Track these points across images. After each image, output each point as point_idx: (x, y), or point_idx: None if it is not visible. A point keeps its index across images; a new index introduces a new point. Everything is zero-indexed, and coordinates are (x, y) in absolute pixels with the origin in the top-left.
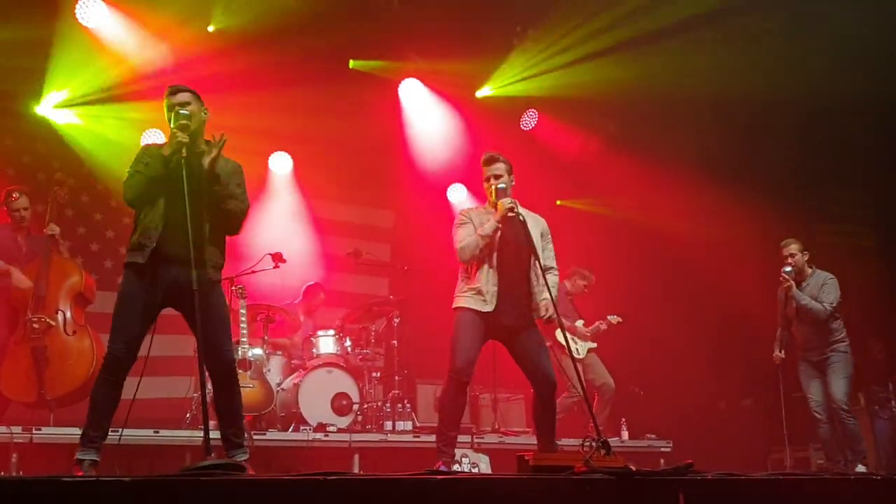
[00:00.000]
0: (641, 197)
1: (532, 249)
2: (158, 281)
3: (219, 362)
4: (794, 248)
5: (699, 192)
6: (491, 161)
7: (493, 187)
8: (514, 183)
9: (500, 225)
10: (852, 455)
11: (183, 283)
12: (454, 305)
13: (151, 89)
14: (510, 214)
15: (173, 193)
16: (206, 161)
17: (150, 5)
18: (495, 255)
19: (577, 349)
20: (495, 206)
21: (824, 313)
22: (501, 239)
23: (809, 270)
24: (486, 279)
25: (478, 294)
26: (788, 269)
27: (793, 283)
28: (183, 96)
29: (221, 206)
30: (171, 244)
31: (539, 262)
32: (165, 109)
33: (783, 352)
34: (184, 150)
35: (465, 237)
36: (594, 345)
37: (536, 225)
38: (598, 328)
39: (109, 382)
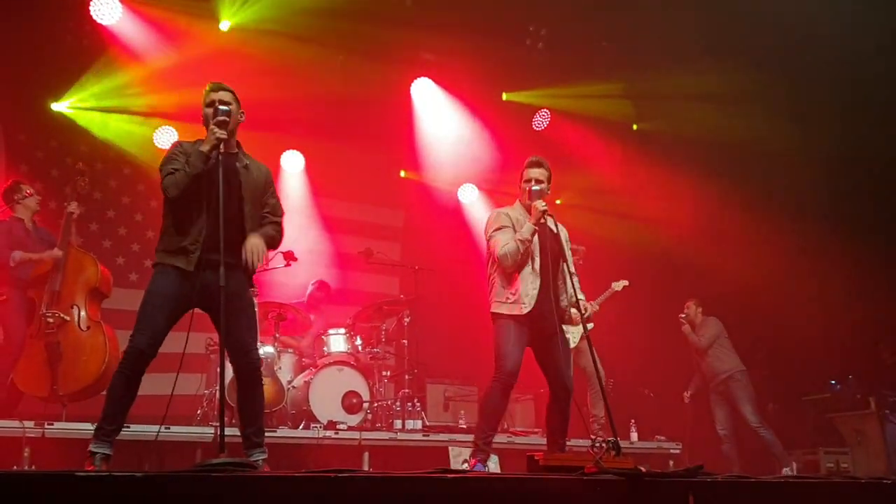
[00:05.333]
0: (654, 197)
1: (562, 254)
2: (197, 284)
3: (246, 363)
4: (688, 304)
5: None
6: (536, 165)
7: (529, 189)
8: (549, 193)
9: (536, 228)
10: (778, 460)
11: (217, 285)
12: (494, 311)
13: (165, 87)
14: (545, 217)
15: (212, 194)
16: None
17: (164, 3)
18: (538, 259)
19: (568, 339)
20: (528, 208)
21: (699, 344)
22: (539, 243)
23: (701, 318)
24: (528, 282)
25: (517, 301)
26: (682, 315)
27: (687, 324)
28: (225, 95)
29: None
30: (214, 248)
31: (567, 267)
32: (204, 105)
33: (689, 394)
34: (221, 147)
35: (506, 242)
36: (589, 326)
37: (564, 234)
38: (592, 309)
39: (128, 376)
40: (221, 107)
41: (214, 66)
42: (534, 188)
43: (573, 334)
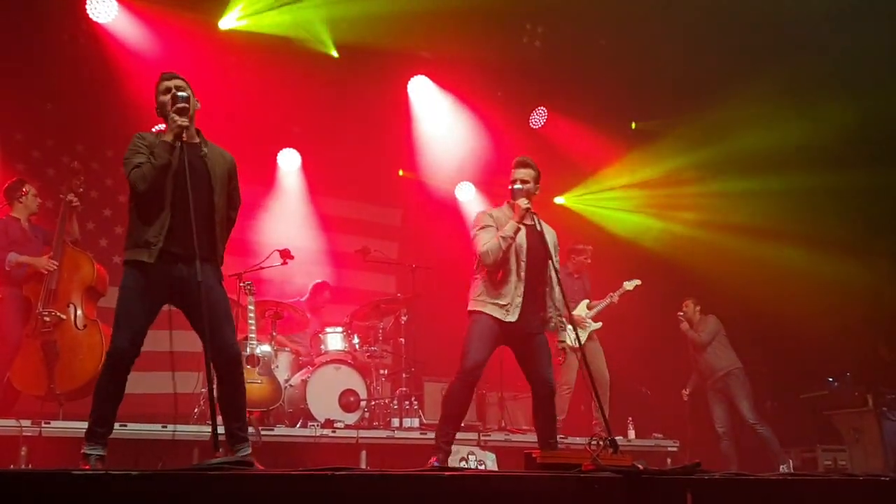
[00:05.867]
0: (652, 195)
1: (549, 257)
2: (164, 277)
3: (224, 358)
4: (686, 302)
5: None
6: (521, 165)
7: (511, 187)
8: (538, 192)
9: (520, 226)
10: (775, 457)
11: (189, 280)
12: (472, 308)
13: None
14: (527, 219)
15: (178, 186)
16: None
17: (161, 1)
18: (524, 264)
19: (574, 339)
20: (514, 207)
21: (699, 340)
22: (527, 244)
23: (699, 317)
24: (513, 290)
25: (502, 306)
26: (680, 313)
27: (686, 322)
28: (179, 82)
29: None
30: (179, 241)
31: (556, 271)
32: (158, 95)
33: (687, 392)
34: (184, 136)
35: (487, 240)
36: (597, 325)
37: (551, 237)
38: (610, 302)
39: (113, 377)
40: (179, 93)
41: (210, 63)
42: (516, 187)
43: (580, 334)
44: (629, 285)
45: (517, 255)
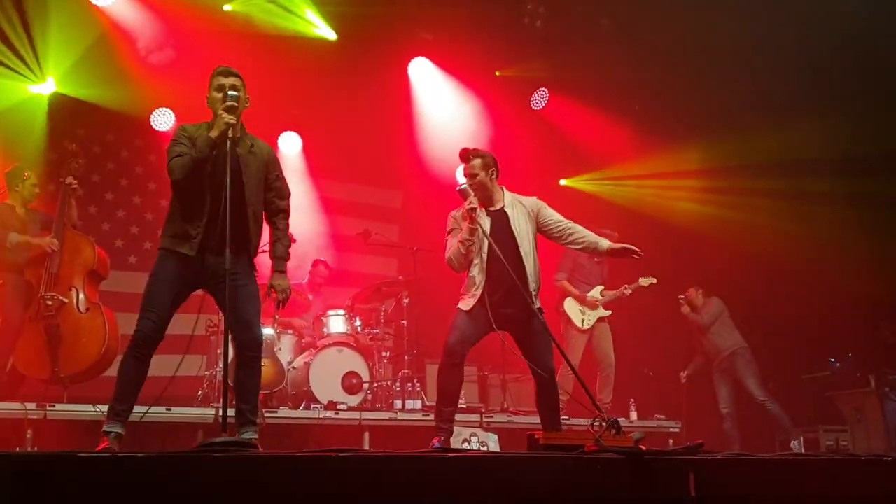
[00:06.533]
0: (653, 176)
1: (516, 241)
2: (199, 268)
3: (250, 338)
4: (689, 289)
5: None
6: (464, 159)
7: (458, 188)
8: (495, 176)
9: (474, 226)
10: (783, 434)
11: (218, 268)
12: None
13: (160, 66)
14: (497, 203)
15: (218, 179)
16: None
17: None
18: (485, 256)
19: (582, 320)
20: None
21: (701, 322)
22: (492, 234)
23: (702, 300)
24: (476, 282)
25: (470, 297)
26: (682, 296)
27: (687, 306)
28: (234, 81)
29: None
30: (214, 233)
31: (522, 253)
32: (212, 90)
33: (686, 374)
34: (230, 133)
35: (451, 246)
36: (607, 313)
37: (524, 210)
38: (622, 293)
39: (137, 358)
40: (231, 91)
41: (211, 46)
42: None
43: (588, 317)
44: (644, 282)
45: (480, 251)
